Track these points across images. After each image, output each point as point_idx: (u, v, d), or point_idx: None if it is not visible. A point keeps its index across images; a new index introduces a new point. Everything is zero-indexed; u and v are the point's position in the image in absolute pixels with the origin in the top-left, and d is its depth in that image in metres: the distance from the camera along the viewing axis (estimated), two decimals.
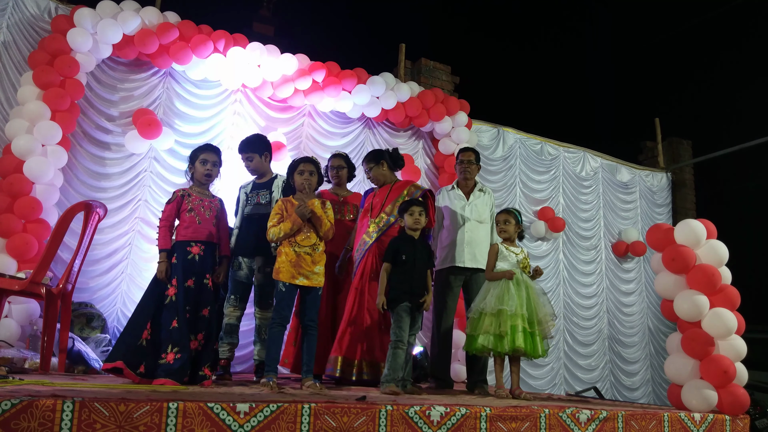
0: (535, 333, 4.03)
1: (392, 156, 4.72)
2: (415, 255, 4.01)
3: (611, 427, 3.34)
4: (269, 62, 5.62)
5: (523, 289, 4.11)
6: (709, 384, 3.85)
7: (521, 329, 3.99)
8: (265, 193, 4.24)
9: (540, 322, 4.06)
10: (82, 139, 5.29)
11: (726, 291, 4.04)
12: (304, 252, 3.74)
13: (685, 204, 8.70)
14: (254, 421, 2.48)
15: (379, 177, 4.67)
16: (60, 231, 3.99)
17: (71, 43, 4.94)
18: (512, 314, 4.00)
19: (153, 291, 3.57)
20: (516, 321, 4.00)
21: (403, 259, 3.98)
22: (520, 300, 4.04)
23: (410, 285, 3.93)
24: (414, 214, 4.06)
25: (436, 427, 2.85)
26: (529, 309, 4.04)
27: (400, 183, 4.69)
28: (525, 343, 3.98)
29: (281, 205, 3.82)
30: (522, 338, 3.97)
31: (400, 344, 3.83)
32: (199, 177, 3.84)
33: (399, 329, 3.86)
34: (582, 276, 7.63)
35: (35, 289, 3.86)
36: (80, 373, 3.98)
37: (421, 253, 4.06)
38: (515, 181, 7.34)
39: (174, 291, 3.50)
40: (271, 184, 4.26)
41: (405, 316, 3.88)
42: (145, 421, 2.30)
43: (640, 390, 7.74)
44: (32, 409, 2.13)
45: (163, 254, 3.60)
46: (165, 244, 3.63)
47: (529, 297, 4.08)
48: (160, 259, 3.60)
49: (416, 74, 7.25)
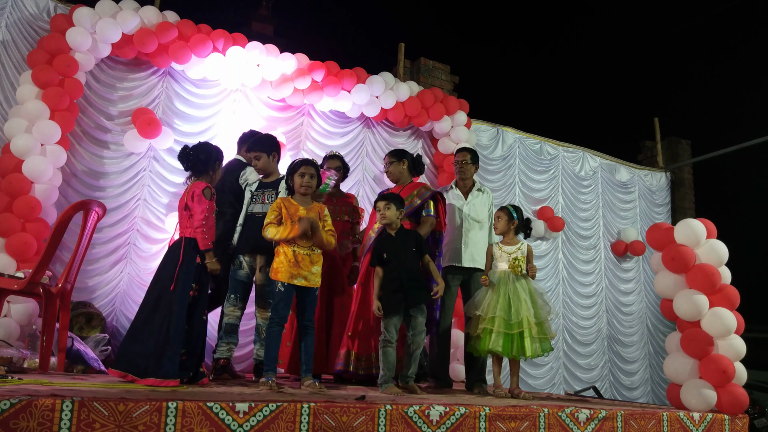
0: (535, 336, 4.03)
1: (415, 160, 4.74)
2: (398, 250, 3.94)
3: (610, 426, 3.34)
4: (268, 62, 5.61)
5: (519, 291, 4.09)
6: (708, 383, 3.85)
7: (528, 336, 3.99)
8: (271, 193, 4.23)
9: (539, 325, 4.05)
10: (81, 138, 5.28)
11: (725, 291, 4.04)
12: (303, 252, 3.74)
13: (684, 204, 8.70)
14: (253, 420, 2.48)
15: (396, 174, 4.66)
16: (59, 230, 3.98)
17: (70, 42, 4.94)
18: (513, 322, 4.00)
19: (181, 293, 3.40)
20: (521, 328, 4.00)
21: (385, 257, 3.94)
22: (516, 306, 4.03)
23: (399, 282, 3.88)
24: (380, 210, 4.01)
25: (436, 426, 2.85)
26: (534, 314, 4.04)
27: (412, 184, 4.69)
28: (531, 348, 3.99)
29: (279, 203, 3.82)
30: (529, 345, 3.99)
31: (388, 343, 3.82)
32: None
33: (386, 329, 3.85)
34: (581, 275, 7.63)
35: (34, 289, 3.86)
36: (79, 372, 3.97)
37: (405, 246, 3.96)
38: (514, 180, 7.34)
39: (195, 293, 3.45)
40: (277, 185, 4.26)
41: (393, 315, 3.85)
42: (145, 421, 2.29)
43: (640, 389, 7.74)
44: (31, 409, 2.13)
45: (211, 253, 3.48)
46: (212, 240, 3.50)
47: (519, 299, 4.05)
48: (209, 259, 3.47)
49: (415, 74, 7.25)
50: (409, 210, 4.41)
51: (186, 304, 3.38)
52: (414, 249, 3.98)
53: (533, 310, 4.05)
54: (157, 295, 3.40)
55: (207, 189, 3.51)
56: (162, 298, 3.36)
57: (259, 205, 4.20)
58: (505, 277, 4.17)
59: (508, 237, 4.36)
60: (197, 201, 3.47)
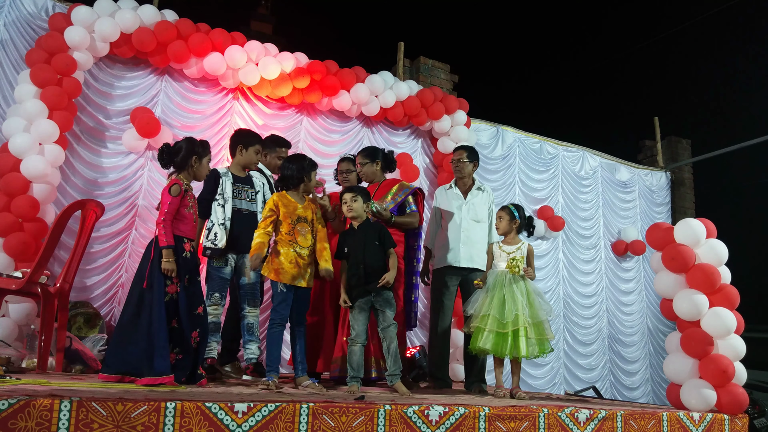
0: (531, 337, 4.02)
1: (387, 157, 4.72)
2: (358, 243, 3.90)
3: (610, 426, 3.34)
4: (267, 61, 5.60)
5: (515, 291, 4.07)
6: (708, 383, 3.84)
7: (523, 335, 3.98)
8: (249, 190, 4.23)
9: (537, 325, 4.03)
10: (80, 137, 5.26)
11: (725, 290, 4.03)
12: (304, 253, 3.74)
13: (684, 203, 8.69)
14: (252, 420, 2.47)
15: (370, 175, 4.68)
16: (57, 230, 3.97)
17: (69, 41, 4.92)
18: (505, 321, 3.99)
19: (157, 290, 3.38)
20: (517, 326, 3.99)
21: (346, 251, 3.92)
22: (510, 305, 4.01)
23: (360, 276, 3.85)
24: (347, 202, 3.96)
25: (435, 426, 2.84)
26: (529, 314, 4.02)
27: (388, 181, 4.70)
28: (526, 348, 3.98)
29: (276, 201, 3.79)
30: (524, 344, 3.97)
31: (354, 341, 3.81)
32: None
33: (352, 327, 3.85)
34: (581, 275, 7.62)
35: (32, 289, 3.85)
36: (78, 372, 3.96)
37: (367, 239, 3.90)
38: (514, 180, 7.33)
39: (175, 289, 3.40)
40: (251, 180, 4.27)
41: (358, 311, 3.85)
42: (143, 421, 2.29)
43: (640, 389, 7.73)
44: (29, 409, 2.12)
45: (170, 251, 3.38)
46: (171, 240, 3.41)
47: (513, 298, 4.04)
48: (167, 257, 3.36)
49: (415, 73, 7.24)
50: (393, 207, 4.45)
51: (163, 301, 3.32)
52: (377, 243, 3.92)
53: (529, 310, 4.03)
54: (138, 294, 3.39)
55: (175, 186, 3.48)
56: (144, 298, 3.36)
57: (245, 201, 4.17)
58: (502, 277, 4.17)
59: (510, 237, 4.34)
60: (162, 196, 3.48)
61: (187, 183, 3.63)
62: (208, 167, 3.76)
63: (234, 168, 4.33)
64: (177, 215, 3.49)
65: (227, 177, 4.20)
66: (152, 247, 3.44)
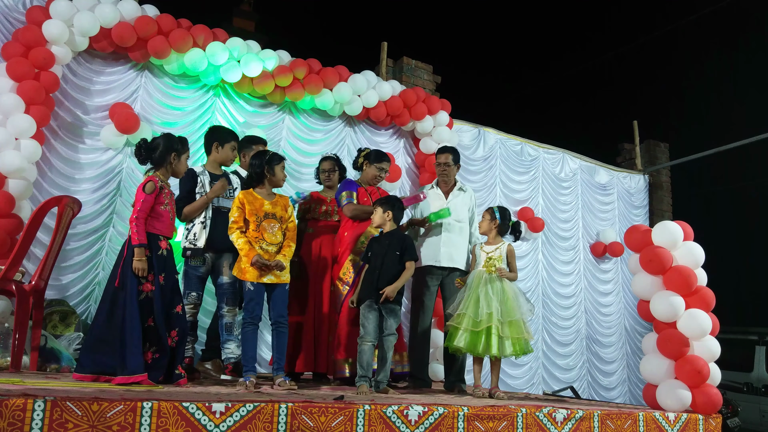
0: (508, 337, 4.04)
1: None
2: (380, 251, 3.98)
3: (587, 426, 3.37)
4: (249, 58, 5.56)
5: (490, 292, 4.10)
6: (683, 384, 3.90)
7: (495, 333, 4.00)
8: (228, 187, 4.21)
9: (512, 324, 4.05)
10: (57, 133, 5.18)
11: (701, 292, 4.09)
12: (271, 250, 3.71)
13: (662, 206, 8.81)
14: (230, 420, 2.45)
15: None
16: (33, 226, 3.91)
17: (47, 34, 4.83)
18: (480, 320, 4.01)
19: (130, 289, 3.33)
20: (490, 324, 4.01)
21: (369, 256, 4.04)
22: (483, 303, 4.04)
23: (372, 281, 3.92)
24: (378, 212, 4.10)
25: (414, 426, 2.84)
26: (501, 312, 4.05)
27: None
28: (498, 347, 4.00)
29: (242, 199, 3.76)
30: (495, 343, 4.00)
31: (364, 339, 3.83)
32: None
33: (362, 325, 3.88)
34: (560, 276, 7.69)
35: (7, 286, 3.79)
36: (53, 371, 3.90)
37: (389, 248, 3.98)
38: (495, 181, 7.37)
39: (150, 287, 3.36)
40: (229, 178, 4.25)
41: (366, 312, 3.88)
42: (119, 421, 2.26)
43: (617, 390, 7.82)
44: (2, 409, 2.08)
45: (142, 250, 3.34)
46: (144, 238, 3.37)
47: (488, 297, 4.07)
48: (138, 256, 3.32)
49: (398, 73, 7.24)
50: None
51: (136, 300, 3.29)
52: (397, 252, 3.98)
53: (502, 308, 4.06)
54: (111, 293, 3.35)
55: (150, 183, 3.44)
56: (117, 296, 3.32)
57: (225, 200, 4.14)
58: (479, 276, 4.20)
59: (491, 237, 4.38)
60: (137, 194, 3.45)
61: (165, 180, 3.59)
62: (187, 164, 3.73)
63: (210, 166, 4.27)
64: (152, 213, 3.45)
65: (204, 176, 4.15)
66: (125, 246, 3.40)
